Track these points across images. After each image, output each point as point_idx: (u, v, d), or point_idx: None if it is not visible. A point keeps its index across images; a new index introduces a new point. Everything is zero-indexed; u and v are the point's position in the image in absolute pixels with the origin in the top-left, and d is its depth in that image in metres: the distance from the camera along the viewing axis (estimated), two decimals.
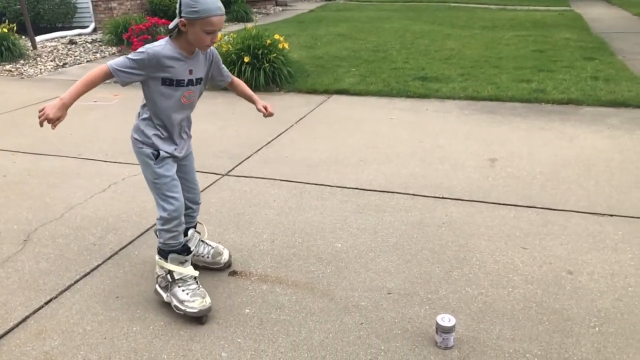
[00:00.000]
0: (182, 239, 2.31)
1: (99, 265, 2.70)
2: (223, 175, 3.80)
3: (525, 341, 2.10)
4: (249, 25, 6.71)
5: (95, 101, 5.94)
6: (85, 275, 2.61)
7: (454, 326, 2.04)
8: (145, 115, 2.21)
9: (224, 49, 6.22)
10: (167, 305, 2.37)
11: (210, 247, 2.61)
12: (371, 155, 4.10)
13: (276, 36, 6.34)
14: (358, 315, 2.28)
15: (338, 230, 2.99)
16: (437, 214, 3.15)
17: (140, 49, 2.07)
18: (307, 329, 2.21)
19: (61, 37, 10.26)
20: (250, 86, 6.19)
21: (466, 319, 2.24)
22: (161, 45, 2.09)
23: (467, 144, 4.28)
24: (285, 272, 2.60)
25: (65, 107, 2.00)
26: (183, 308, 2.24)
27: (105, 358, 2.07)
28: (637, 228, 2.91)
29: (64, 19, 10.99)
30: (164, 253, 2.30)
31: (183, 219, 2.29)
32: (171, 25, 2.09)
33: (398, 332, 2.18)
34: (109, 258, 2.76)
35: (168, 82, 2.13)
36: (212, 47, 2.23)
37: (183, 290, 2.27)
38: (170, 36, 2.12)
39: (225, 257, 2.61)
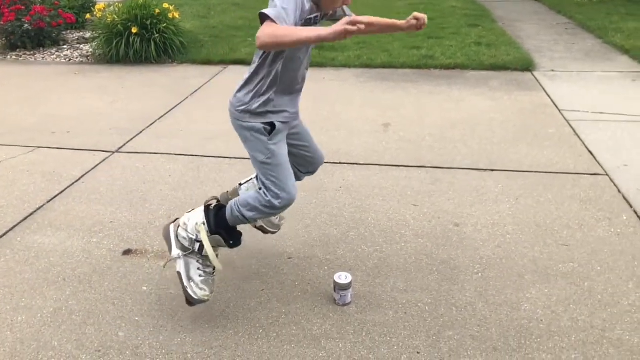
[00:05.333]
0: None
1: None
2: (113, 153, 3.60)
3: (417, 291, 2.24)
4: None
5: None
6: None
7: (350, 283, 2.13)
8: (255, 89, 1.94)
9: (108, 19, 5.83)
10: (57, 290, 2.24)
11: None
12: None
13: (165, 5, 6.04)
14: (259, 282, 2.30)
15: None
16: (335, 178, 3.22)
17: None
18: None
19: None
20: (140, 58, 5.97)
21: (362, 275, 2.33)
22: None
23: (362, 110, 4.39)
24: None
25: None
26: (186, 284, 1.99)
27: None
28: (515, 181, 3.17)
29: None
30: (217, 224, 2.02)
31: None
32: None
33: (298, 294, 2.23)
34: None
35: (307, 21, 1.79)
36: None
37: (198, 269, 2.01)
38: None
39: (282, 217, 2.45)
